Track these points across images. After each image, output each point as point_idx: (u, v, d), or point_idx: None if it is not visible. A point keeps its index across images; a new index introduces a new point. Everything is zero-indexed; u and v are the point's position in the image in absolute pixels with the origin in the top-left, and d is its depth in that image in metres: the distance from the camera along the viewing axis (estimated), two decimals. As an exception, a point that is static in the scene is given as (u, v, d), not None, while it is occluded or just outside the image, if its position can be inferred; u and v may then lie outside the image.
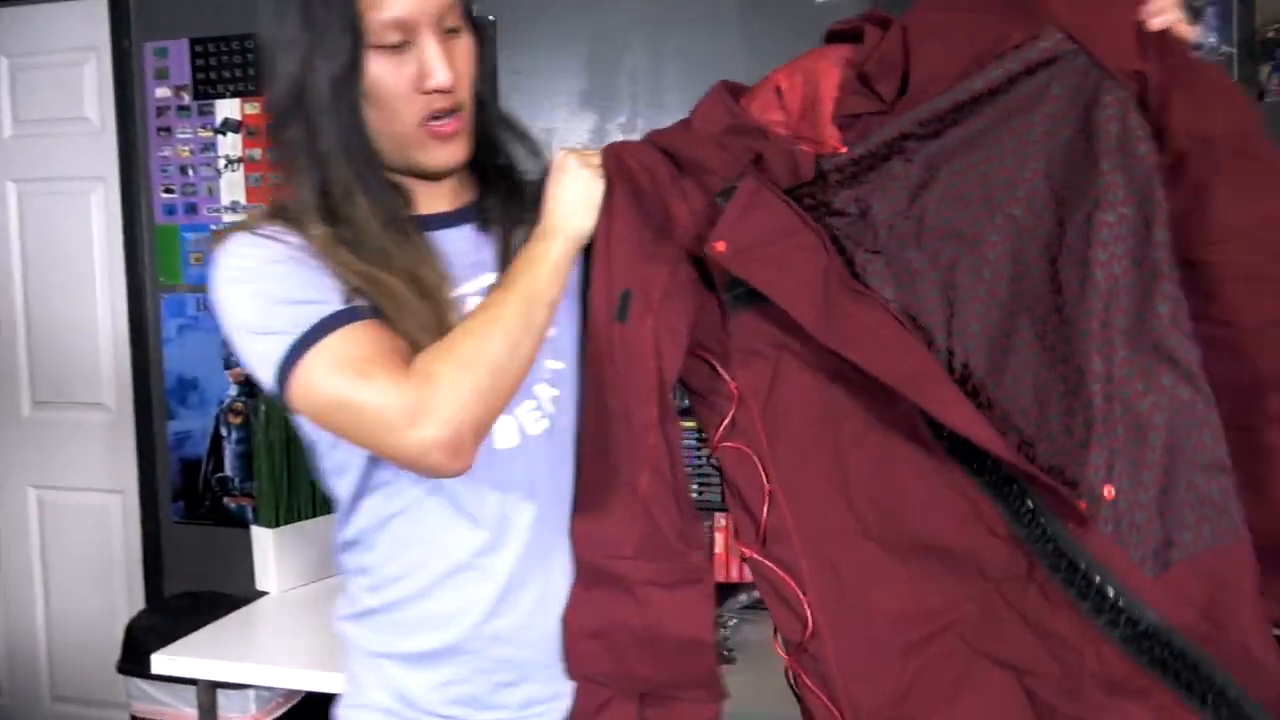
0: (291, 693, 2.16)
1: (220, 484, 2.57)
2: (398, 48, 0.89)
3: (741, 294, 0.92)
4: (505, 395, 0.88)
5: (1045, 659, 0.83)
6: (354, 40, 0.87)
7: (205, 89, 2.46)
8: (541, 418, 0.98)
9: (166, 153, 2.51)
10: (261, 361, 0.89)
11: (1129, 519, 0.79)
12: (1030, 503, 0.82)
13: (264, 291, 0.89)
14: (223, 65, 2.43)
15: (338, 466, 0.99)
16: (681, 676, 0.95)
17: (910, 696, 0.86)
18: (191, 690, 1.97)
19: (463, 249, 0.98)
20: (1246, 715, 0.78)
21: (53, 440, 2.74)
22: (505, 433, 0.96)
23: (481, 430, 0.86)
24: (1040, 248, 0.84)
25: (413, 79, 0.90)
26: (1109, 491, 0.79)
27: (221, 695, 2.05)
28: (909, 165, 0.88)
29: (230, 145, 2.46)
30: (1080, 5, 0.84)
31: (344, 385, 0.85)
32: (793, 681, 0.94)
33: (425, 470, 0.87)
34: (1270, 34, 1.82)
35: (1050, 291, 0.84)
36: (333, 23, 0.87)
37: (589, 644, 0.97)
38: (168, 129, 2.51)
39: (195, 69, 2.45)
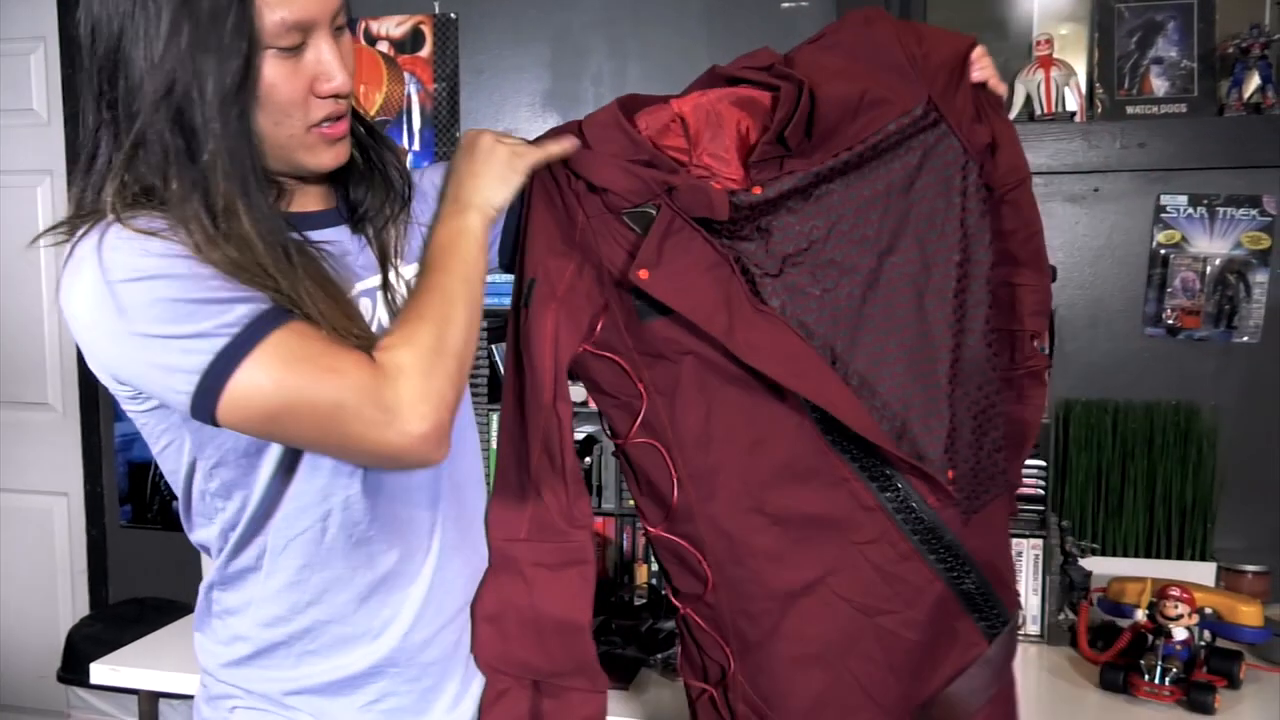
0: (239, 703, 2.10)
1: (169, 488, 2.50)
2: (293, 50, 0.83)
3: (647, 305, 1.02)
4: (467, 375, 0.88)
5: (894, 600, 1.05)
6: (249, 42, 0.79)
7: (158, 82, 2.39)
8: None
9: (117, 147, 2.45)
10: (175, 371, 0.79)
11: (958, 490, 1.07)
12: (897, 483, 1.04)
13: (174, 291, 0.78)
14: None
15: (225, 488, 0.91)
16: (562, 662, 1.03)
17: (785, 633, 1.05)
18: (134, 700, 1.92)
19: (347, 250, 0.95)
20: (1001, 618, 1.10)
21: (-5, 441, 2.67)
22: None
23: (455, 414, 0.85)
24: (908, 281, 1.05)
25: (308, 83, 0.85)
26: (951, 474, 1.06)
27: (166, 705, 1.99)
28: (806, 204, 1.04)
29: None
30: (945, 86, 1.04)
31: (308, 385, 0.79)
32: (683, 625, 1.10)
33: (409, 464, 0.86)
34: (1230, 49, 1.84)
35: (917, 320, 1.05)
36: (223, 21, 0.78)
37: (485, 628, 1.01)
38: (118, 122, 2.44)
39: (148, 61, 2.39)
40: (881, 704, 1.06)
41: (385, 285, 0.96)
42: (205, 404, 0.79)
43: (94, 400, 2.54)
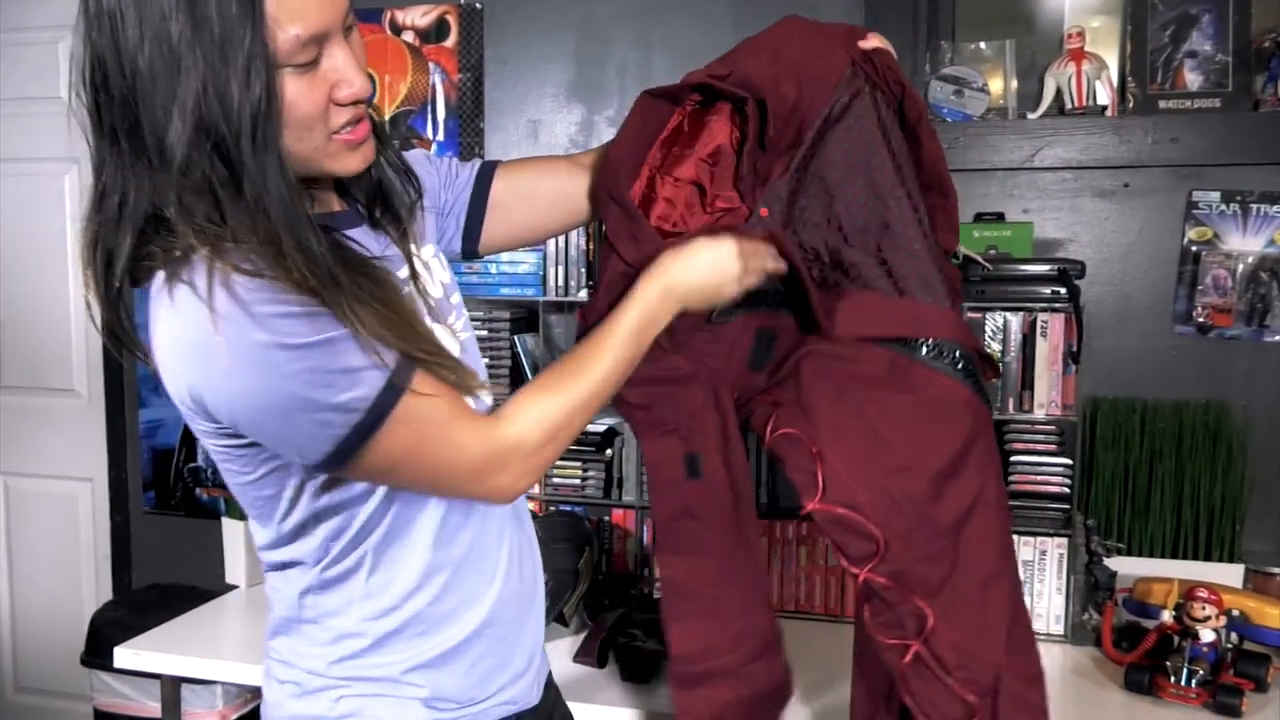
0: (259, 689, 2.12)
1: (192, 474, 2.52)
2: (310, 65, 0.80)
3: (759, 351, 1.18)
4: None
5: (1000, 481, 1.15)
6: (266, 65, 0.76)
7: (184, 70, 2.40)
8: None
9: (143, 135, 2.46)
10: (314, 440, 0.81)
11: None
12: (975, 372, 1.14)
13: (313, 359, 0.78)
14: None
15: (335, 505, 0.91)
16: (777, 705, 1.23)
17: (966, 561, 1.10)
18: (157, 685, 1.93)
19: (374, 249, 0.93)
20: None
21: (22, 426, 2.69)
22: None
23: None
24: (909, 222, 1.13)
25: (327, 92, 0.82)
26: None
27: (188, 690, 2.01)
28: (809, 197, 1.14)
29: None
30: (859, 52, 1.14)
31: (430, 454, 0.87)
32: (866, 590, 1.12)
33: (488, 502, 0.97)
34: (1266, 43, 1.81)
35: (925, 249, 1.13)
36: (237, 48, 0.75)
37: None
38: (145, 111, 2.45)
39: (174, 50, 2.40)
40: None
41: (414, 275, 0.97)
42: (335, 465, 0.84)
43: (119, 387, 2.56)
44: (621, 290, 1.06)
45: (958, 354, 1.13)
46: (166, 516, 2.55)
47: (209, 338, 0.77)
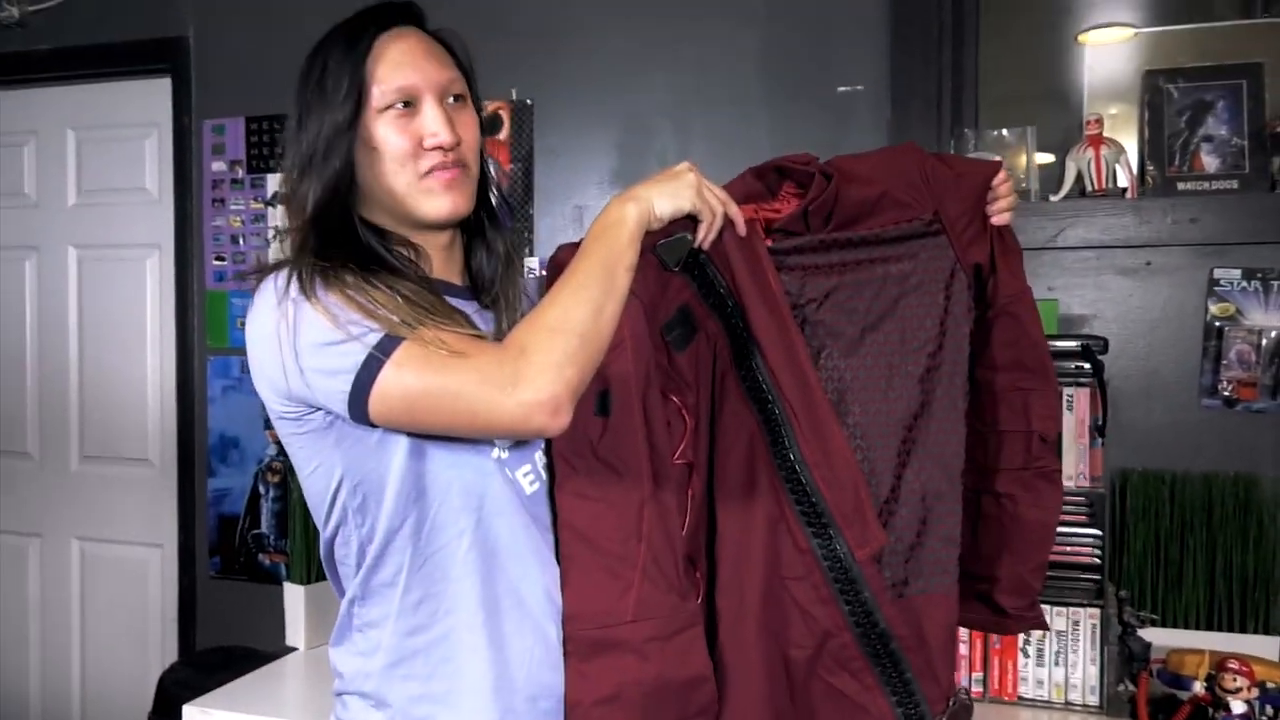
0: (315, 749, 2.18)
1: (255, 540, 2.64)
2: (405, 110, 1.04)
3: (678, 336, 1.11)
4: (595, 357, 0.96)
5: (806, 636, 1.11)
6: (357, 102, 1.02)
7: (258, 163, 2.59)
8: (534, 481, 1.08)
9: (219, 223, 2.64)
10: (336, 373, 0.95)
11: (886, 559, 1.14)
12: (830, 531, 1.09)
13: (332, 308, 0.96)
14: (275, 142, 2.56)
15: (363, 506, 1.03)
16: (689, 710, 1.08)
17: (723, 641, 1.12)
18: (219, 744, 2.01)
19: (479, 325, 1.06)
20: (918, 708, 1.12)
21: (98, 493, 2.83)
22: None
23: (576, 390, 0.93)
24: (883, 358, 1.14)
25: (415, 137, 1.04)
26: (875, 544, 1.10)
27: (248, 750, 2.09)
28: (812, 267, 1.13)
29: (279, 216, 2.56)
30: (957, 206, 1.14)
31: (439, 370, 0.93)
32: None
33: (528, 432, 0.97)
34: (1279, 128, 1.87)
35: (883, 394, 1.14)
36: (341, 88, 1.02)
37: (601, 710, 1.05)
38: (221, 200, 2.64)
39: (249, 145, 2.59)
40: None
41: None
42: (359, 398, 0.95)
43: (190, 456, 2.69)
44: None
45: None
46: (230, 581, 2.66)
47: (263, 304, 1.00)
